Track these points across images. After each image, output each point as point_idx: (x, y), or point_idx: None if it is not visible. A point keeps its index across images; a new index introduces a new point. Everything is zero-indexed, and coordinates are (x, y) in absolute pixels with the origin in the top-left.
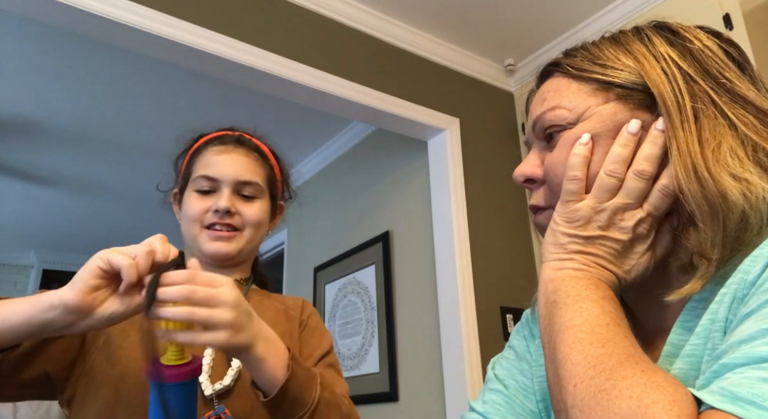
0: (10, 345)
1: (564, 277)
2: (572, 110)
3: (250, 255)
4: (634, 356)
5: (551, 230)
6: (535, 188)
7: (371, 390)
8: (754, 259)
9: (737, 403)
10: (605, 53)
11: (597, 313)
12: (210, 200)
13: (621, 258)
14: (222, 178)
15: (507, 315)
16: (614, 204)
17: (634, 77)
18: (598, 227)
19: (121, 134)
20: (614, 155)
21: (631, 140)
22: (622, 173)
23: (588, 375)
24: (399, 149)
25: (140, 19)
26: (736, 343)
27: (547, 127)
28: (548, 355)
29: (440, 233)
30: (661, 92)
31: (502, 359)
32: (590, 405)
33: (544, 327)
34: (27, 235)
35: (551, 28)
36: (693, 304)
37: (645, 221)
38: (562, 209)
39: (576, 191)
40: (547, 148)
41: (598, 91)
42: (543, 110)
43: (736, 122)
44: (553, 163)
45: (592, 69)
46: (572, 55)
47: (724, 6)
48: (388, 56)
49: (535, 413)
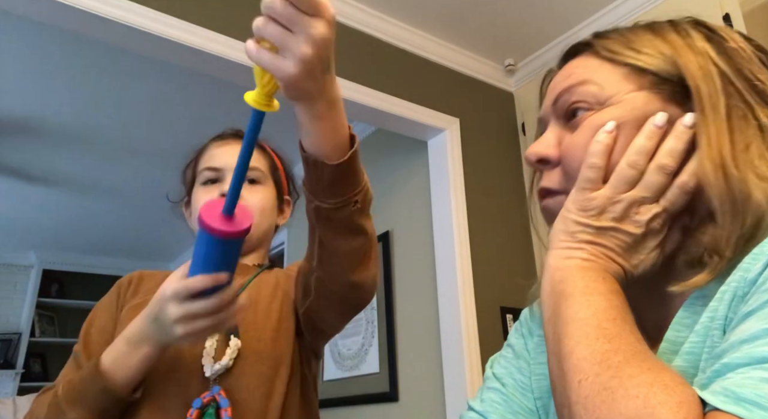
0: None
1: (572, 267)
2: (603, 87)
3: (261, 242)
4: (640, 353)
5: (562, 218)
6: (548, 170)
7: (371, 390)
8: (755, 257)
9: (741, 404)
10: (640, 39)
11: (605, 307)
12: (215, 189)
13: (630, 252)
14: (224, 166)
15: (507, 315)
16: (631, 196)
17: (669, 67)
18: (612, 219)
19: (121, 134)
20: (638, 147)
21: (656, 132)
22: (643, 165)
23: (593, 371)
24: (399, 149)
25: (140, 19)
26: (737, 342)
27: (573, 101)
28: (552, 347)
29: (440, 233)
30: (698, 85)
31: (500, 357)
32: (595, 403)
33: (548, 316)
34: (26, 235)
35: (551, 28)
36: (692, 301)
37: (660, 216)
38: (577, 197)
39: (594, 180)
40: (567, 127)
41: (630, 76)
42: (570, 83)
43: (767, 125)
44: (573, 145)
45: (626, 52)
46: (605, 37)
47: (724, 6)
48: (388, 56)
49: (533, 411)
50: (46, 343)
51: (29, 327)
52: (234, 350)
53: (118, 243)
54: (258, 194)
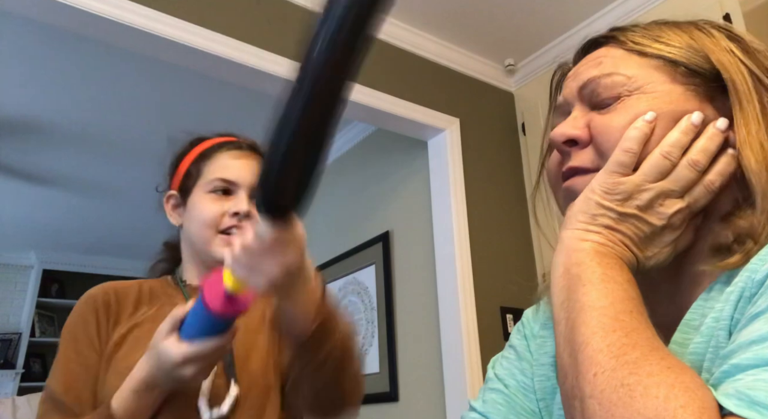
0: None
1: (589, 250)
2: (631, 77)
3: None
4: (658, 349)
5: (585, 198)
6: (576, 150)
7: (371, 390)
8: (762, 258)
9: (754, 407)
10: (666, 33)
11: (622, 297)
12: (226, 203)
13: (647, 243)
14: (240, 181)
15: (507, 315)
16: (660, 187)
17: (700, 60)
18: (637, 207)
19: (121, 134)
20: (673, 139)
21: (692, 129)
22: (677, 157)
23: (610, 365)
24: (399, 149)
25: (140, 19)
26: (746, 343)
27: (605, 92)
28: (565, 333)
29: (440, 233)
30: (733, 79)
31: (502, 358)
32: (611, 399)
33: (561, 300)
34: (27, 235)
35: (551, 28)
36: (700, 302)
37: (682, 212)
38: (606, 179)
39: (627, 164)
40: (595, 111)
41: (662, 68)
42: (599, 73)
43: None
44: (610, 126)
45: (654, 45)
46: (629, 30)
47: (724, 6)
48: (388, 56)
49: (535, 412)
50: (46, 343)
51: (29, 327)
52: (234, 398)
53: (118, 243)
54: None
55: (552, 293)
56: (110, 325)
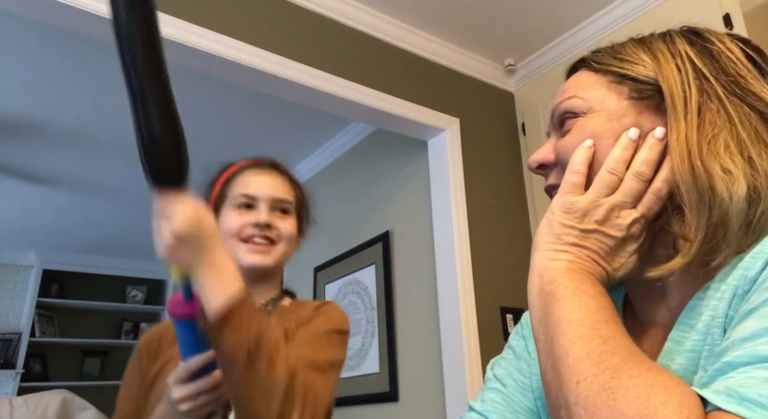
0: None
1: (560, 268)
2: (585, 99)
3: (280, 270)
4: (636, 355)
5: (547, 220)
6: (549, 172)
7: (371, 390)
8: (755, 256)
9: (744, 404)
10: (627, 50)
11: (596, 308)
12: (248, 216)
13: (612, 255)
14: (260, 195)
15: (507, 315)
16: (612, 200)
17: (648, 72)
18: (595, 221)
19: (121, 133)
20: (616, 156)
21: (630, 145)
22: (622, 172)
23: (591, 372)
24: (399, 149)
25: None
26: (738, 341)
27: (562, 113)
28: (545, 348)
29: (440, 233)
30: (669, 86)
31: (501, 359)
32: (595, 403)
33: (539, 318)
34: (27, 235)
35: (551, 28)
36: (695, 302)
37: (638, 221)
38: (562, 200)
39: (578, 184)
40: (561, 135)
41: (613, 84)
42: (560, 99)
43: (735, 119)
44: (565, 146)
45: (612, 62)
46: (598, 51)
47: (724, 6)
48: (388, 56)
49: (534, 411)
50: (46, 343)
51: (29, 327)
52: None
53: (118, 243)
54: (288, 223)
55: (530, 313)
56: (150, 362)
